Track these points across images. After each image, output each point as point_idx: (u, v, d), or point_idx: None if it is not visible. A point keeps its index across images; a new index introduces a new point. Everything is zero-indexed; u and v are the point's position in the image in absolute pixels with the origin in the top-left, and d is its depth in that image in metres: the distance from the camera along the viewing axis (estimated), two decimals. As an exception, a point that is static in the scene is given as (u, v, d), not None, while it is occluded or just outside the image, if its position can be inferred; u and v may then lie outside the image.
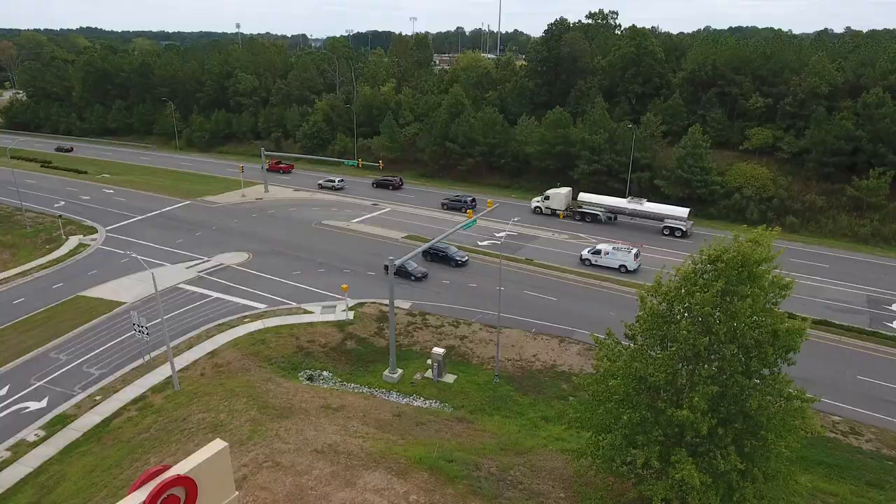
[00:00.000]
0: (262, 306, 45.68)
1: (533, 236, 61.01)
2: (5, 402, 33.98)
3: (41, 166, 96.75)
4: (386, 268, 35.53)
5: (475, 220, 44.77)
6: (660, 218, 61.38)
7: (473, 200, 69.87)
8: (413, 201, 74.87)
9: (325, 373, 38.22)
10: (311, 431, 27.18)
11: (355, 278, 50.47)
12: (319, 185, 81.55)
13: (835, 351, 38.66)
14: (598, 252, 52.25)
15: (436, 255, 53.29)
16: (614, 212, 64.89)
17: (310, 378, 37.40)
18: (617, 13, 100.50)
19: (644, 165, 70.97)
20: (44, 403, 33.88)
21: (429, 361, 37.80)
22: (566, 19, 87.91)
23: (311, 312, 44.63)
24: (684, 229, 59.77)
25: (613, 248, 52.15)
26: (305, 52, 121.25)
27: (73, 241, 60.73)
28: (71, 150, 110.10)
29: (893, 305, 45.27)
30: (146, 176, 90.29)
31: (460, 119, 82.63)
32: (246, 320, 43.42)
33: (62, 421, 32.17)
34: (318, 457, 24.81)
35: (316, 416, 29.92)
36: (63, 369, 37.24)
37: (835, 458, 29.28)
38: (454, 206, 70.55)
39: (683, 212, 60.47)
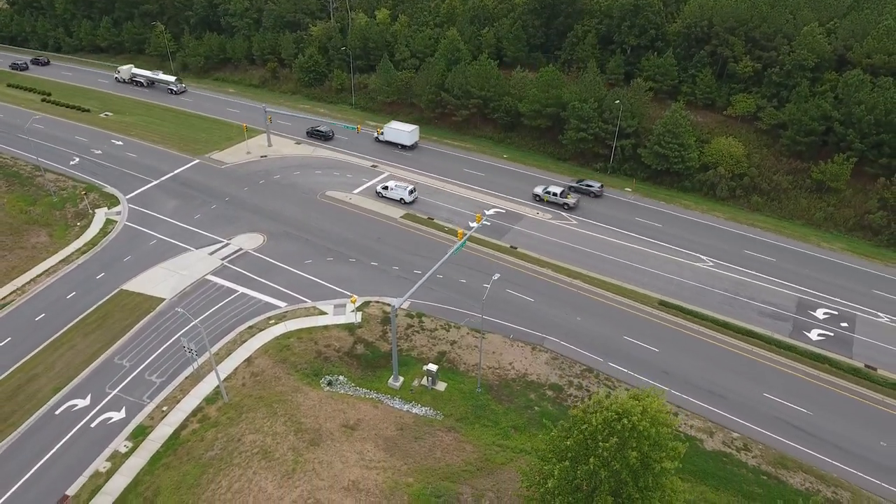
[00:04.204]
0: (282, 304, 53.66)
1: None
2: (93, 413, 43.30)
3: (42, 100, 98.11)
4: (393, 314, 43.06)
5: (465, 243, 51.00)
6: (166, 83, 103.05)
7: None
8: (410, 162, 79.01)
9: (340, 377, 47.37)
10: (339, 465, 36.90)
11: (359, 270, 57.96)
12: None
13: (751, 366, 47.60)
14: (386, 187, 69.78)
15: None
16: (151, 80, 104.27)
17: (329, 384, 46.62)
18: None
19: (630, 133, 74.73)
20: (123, 413, 43.22)
21: (425, 368, 46.76)
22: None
23: (325, 313, 52.78)
24: (175, 90, 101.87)
25: (395, 184, 69.45)
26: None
27: (101, 215, 66.73)
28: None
29: (818, 311, 53.47)
30: (147, 117, 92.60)
31: (456, 69, 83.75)
32: (271, 322, 51.73)
33: (142, 432, 41.69)
34: (346, 494, 34.75)
35: (339, 440, 39.54)
36: (129, 377, 46.15)
37: (724, 472, 39.40)
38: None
39: (172, 78, 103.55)
